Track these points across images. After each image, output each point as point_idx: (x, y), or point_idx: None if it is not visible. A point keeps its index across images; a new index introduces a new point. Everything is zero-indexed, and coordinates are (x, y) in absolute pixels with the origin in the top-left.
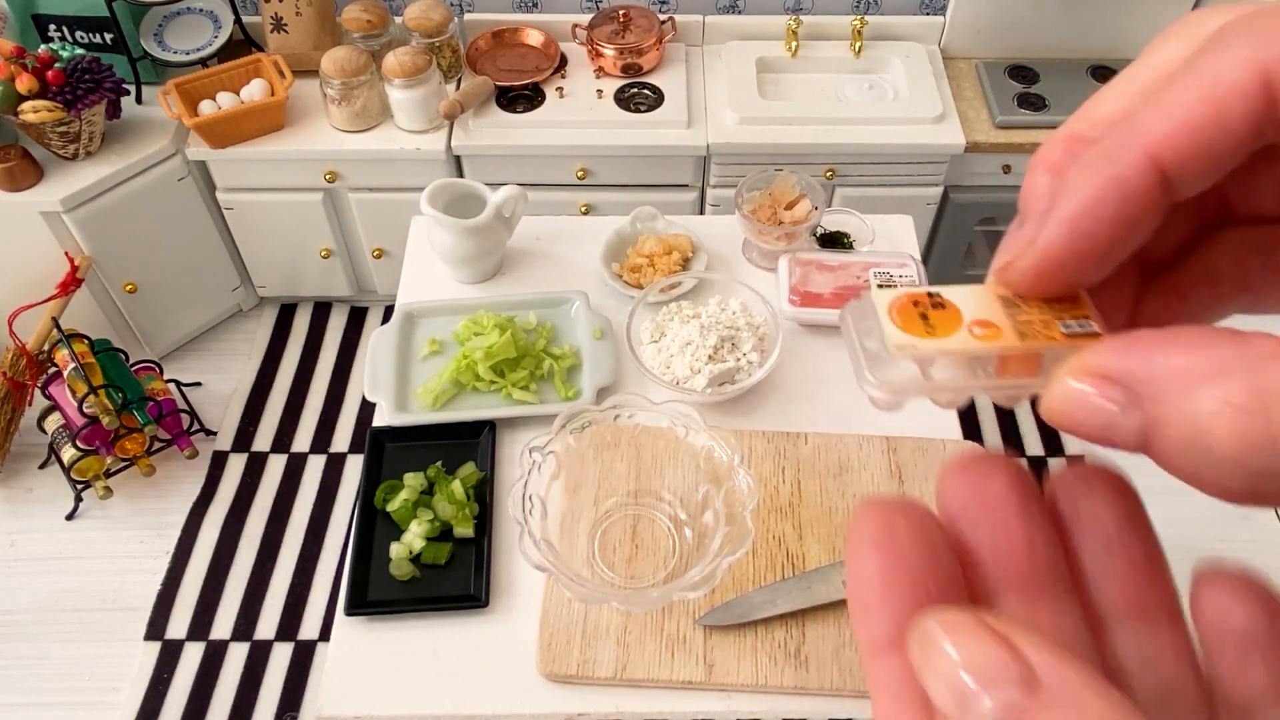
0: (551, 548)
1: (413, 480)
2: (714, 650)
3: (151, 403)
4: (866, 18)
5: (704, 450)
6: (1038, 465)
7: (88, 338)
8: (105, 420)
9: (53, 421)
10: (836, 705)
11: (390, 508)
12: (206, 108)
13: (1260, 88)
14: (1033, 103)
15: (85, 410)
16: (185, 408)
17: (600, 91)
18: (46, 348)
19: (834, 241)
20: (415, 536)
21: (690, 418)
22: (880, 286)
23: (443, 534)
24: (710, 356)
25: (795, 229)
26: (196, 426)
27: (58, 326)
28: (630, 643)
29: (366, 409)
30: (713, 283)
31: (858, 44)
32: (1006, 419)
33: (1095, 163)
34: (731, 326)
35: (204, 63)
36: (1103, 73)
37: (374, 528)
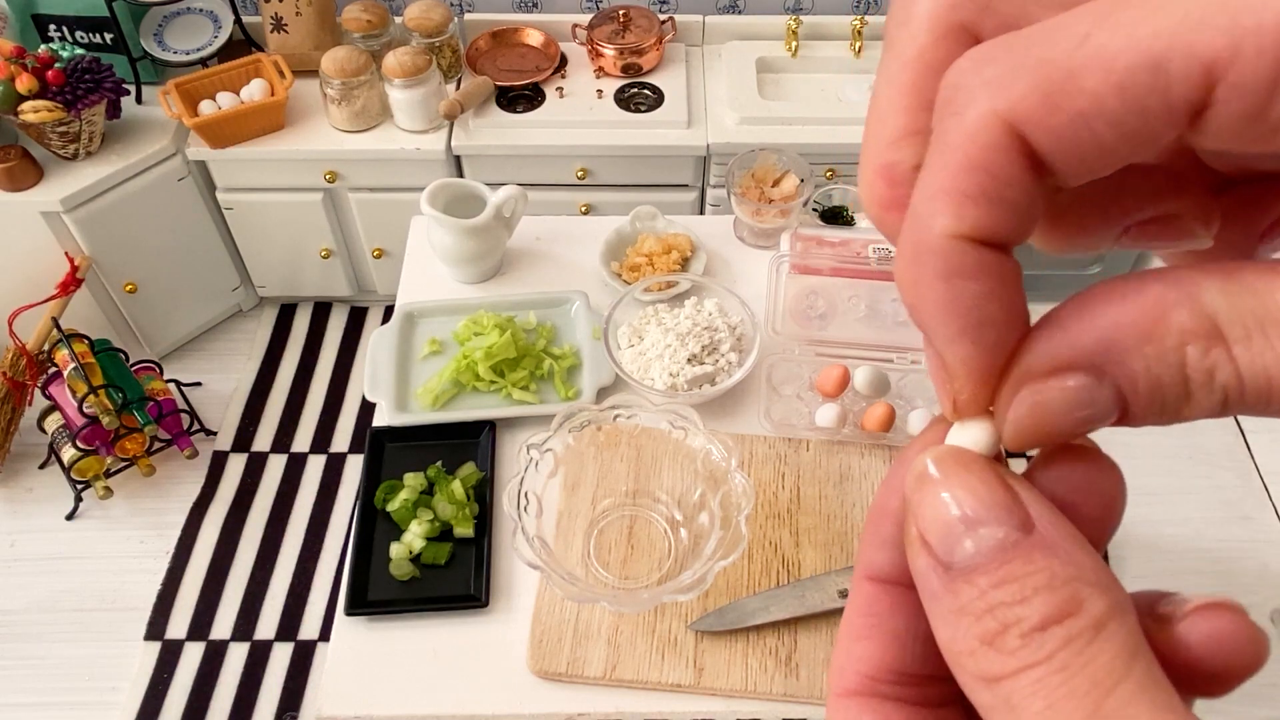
0: (545, 546)
1: (413, 480)
2: (704, 654)
3: (151, 403)
4: (866, 18)
5: (702, 452)
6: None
7: (88, 338)
8: (105, 420)
9: (53, 421)
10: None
11: (390, 508)
12: (206, 108)
13: (1012, 140)
14: None
15: (85, 410)
16: (185, 408)
17: (600, 91)
18: (46, 348)
19: (835, 216)
20: (415, 536)
21: (689, 419)
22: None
23: (443, 534)
24: (689, 360)
25: (788, 205)
26: (196, 426)
27: (58, 326)
28: (621, 643)
29: (366, 409)
30: (689, 284)
31: (858, 44)
32: None
33: (909, 271)
34: (709, 328)
35: (204, 63)
36: None
37: (374, 528)
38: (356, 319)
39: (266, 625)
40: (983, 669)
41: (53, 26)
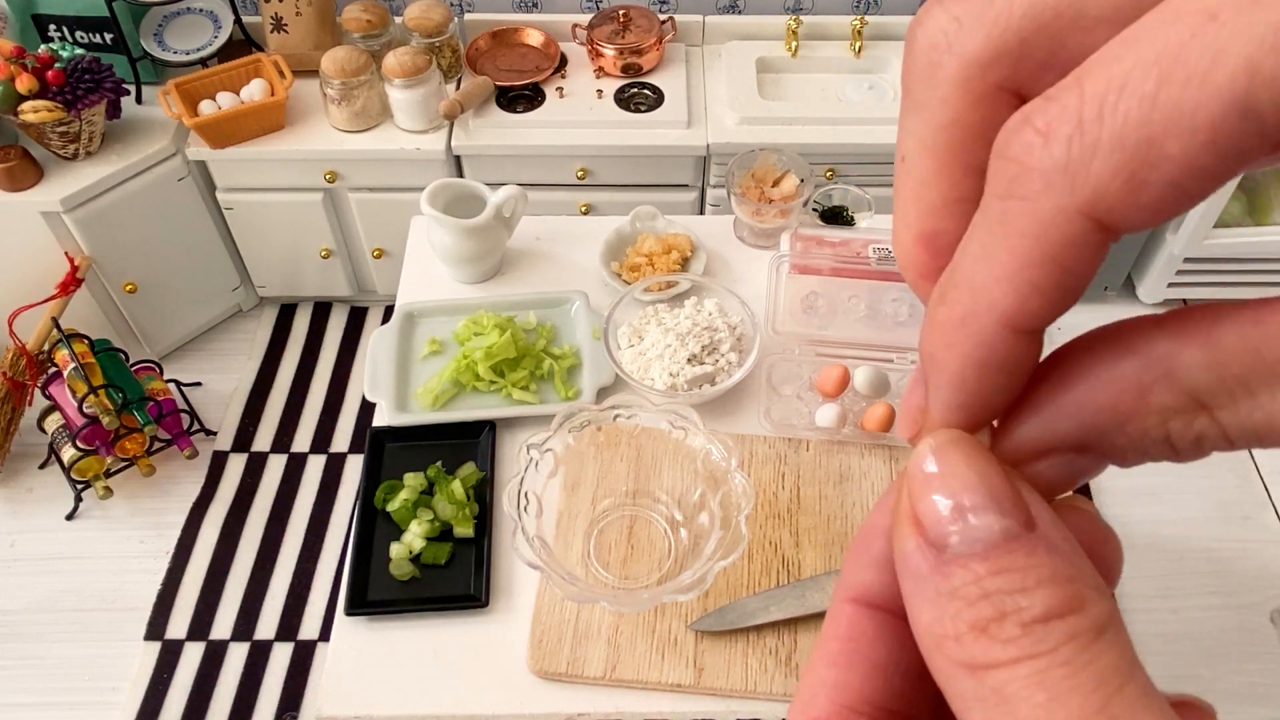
0: (545, 545)
1: (413, 480)
2: (704, 654)
3: (151, 403)
4: (866, 18)
5: (702, 452)
6: None
7: (88, 338)
8: (105, 420)
9: (53, 421)
10: None
11: (390, 508)
12: (206, 108)
13: (1092, 231)
14: None
15: (85, 410)
16: (185, 408)
17: (600, 91)
18: (46, 348)
19: (835, 216)
20: (415, 536)
21: (689, 419)
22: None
23: (443, 534)
24: (689, 360)
25: (788, 205)
26: (196, 426)
27: (58, 326)
28: (621, 643)
29: (366, 409)
30: (689, 284)
31: (858, 44)
32: None
33: (950, 337)
34: (709, 328)
35: (204, 63)
36: None
37: (374, 528)
38: (356, 319)
39: (266, 625)
40: (970, 655)
41: (53, 26)
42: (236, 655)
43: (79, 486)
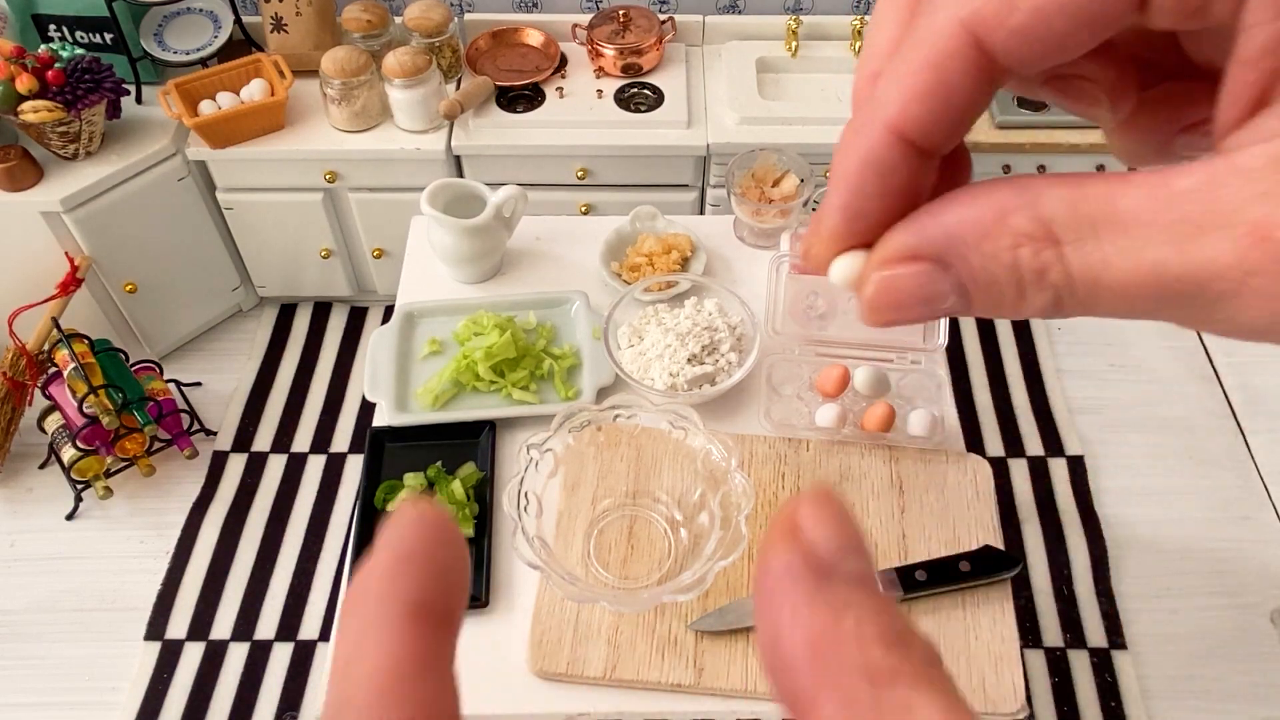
0: (545, 545)
1: (413, 480)
2: (704, 654)
3: (151, 403)
4: (866, 18)
5: (702, 452)
6: (1038, 465)
7: (88, 338)
8: (105, 420)
9: (53, 421)
10: None
11: (390, 508)
12: (206, 108)
13: (970, 46)
14: (1032, 103)
15: (85, 410)
16: (185, 408)
17: (600, 91)
18: (46, 348)
19: None
20: None
21: (689, 419)
22: None
23: None
24: (689, 360)
25: (788, 205)
26: (196, 426)
27: (58, 326)
28: (621, 643)
29: (366, 409)
30: (689, 284)
31: (858, 44)
32: (1008, 424)
33: (848, 145)
34: (709, 328)
35: (204, 63)
36: None
37: (374, 528)
38: (356, 319)
39: (266, 625)
40: (869, 664)
41: (53, 26)
42: (236, 655)
43: (79, 486)
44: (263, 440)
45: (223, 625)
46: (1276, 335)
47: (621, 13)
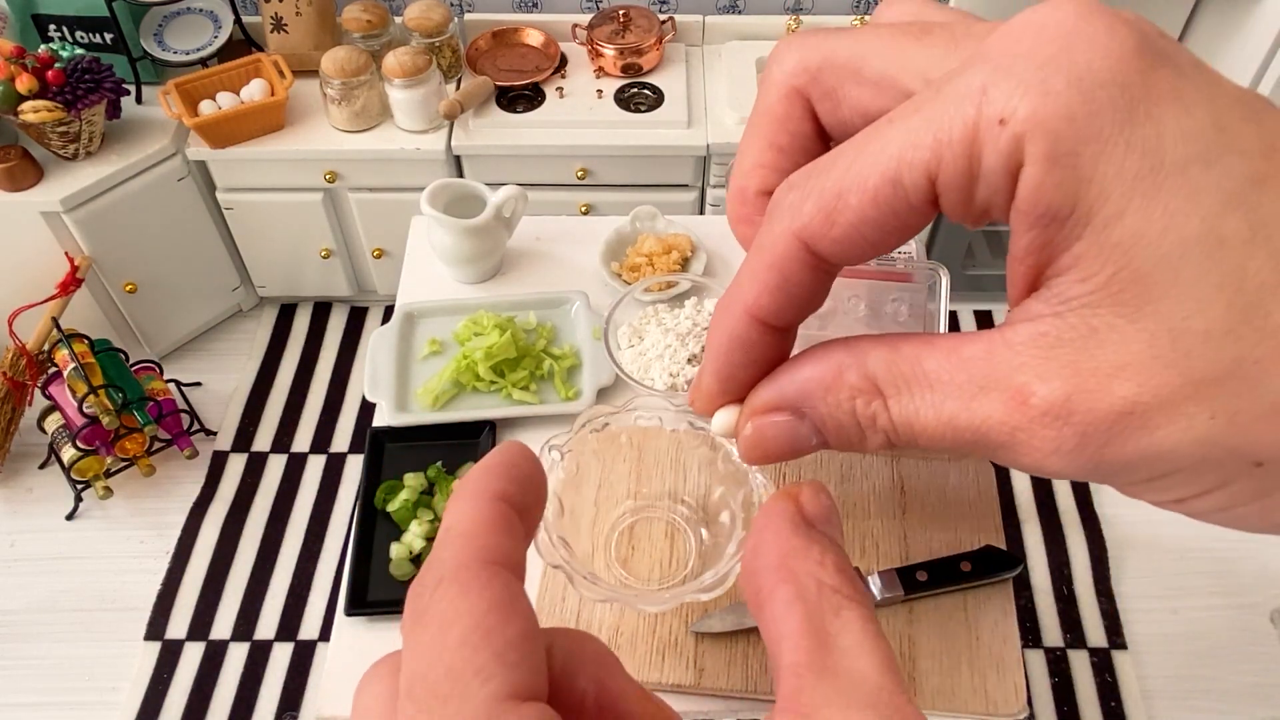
0: (567, 546)
1: (413, 480)
2: (705, 655)
3: (151, 403)
4: (866, 18)
5: (722, 452)
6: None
7: (88, 338)
8: (105, 420)
9: (53, 421)
10: None
11: (390, 508)
12: (206, 108)
13: (802, 250)
14: None
15: (85, 410)
16: (185, 408)
17: (600, 91)
18: (46, 348)
19: None
20: (415, 536)
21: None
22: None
23: None
24: (689, 360)
25: None
26: (196, 426)
27: (58, 326)
28: (621, 644)
29: (366, 409)
30: (689, 284)
31: None
32: None
33: (718, 322)
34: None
35: (204, 63)
36: None
37: (374, 528)
38: (356, 319)
39: (266, 625)
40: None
41: (53, 26)
42: (236, 655)
43: (79, 486)
44: (263, 440)
45: (223, 625)
46: (1049, 474)
47: (621, 13)
